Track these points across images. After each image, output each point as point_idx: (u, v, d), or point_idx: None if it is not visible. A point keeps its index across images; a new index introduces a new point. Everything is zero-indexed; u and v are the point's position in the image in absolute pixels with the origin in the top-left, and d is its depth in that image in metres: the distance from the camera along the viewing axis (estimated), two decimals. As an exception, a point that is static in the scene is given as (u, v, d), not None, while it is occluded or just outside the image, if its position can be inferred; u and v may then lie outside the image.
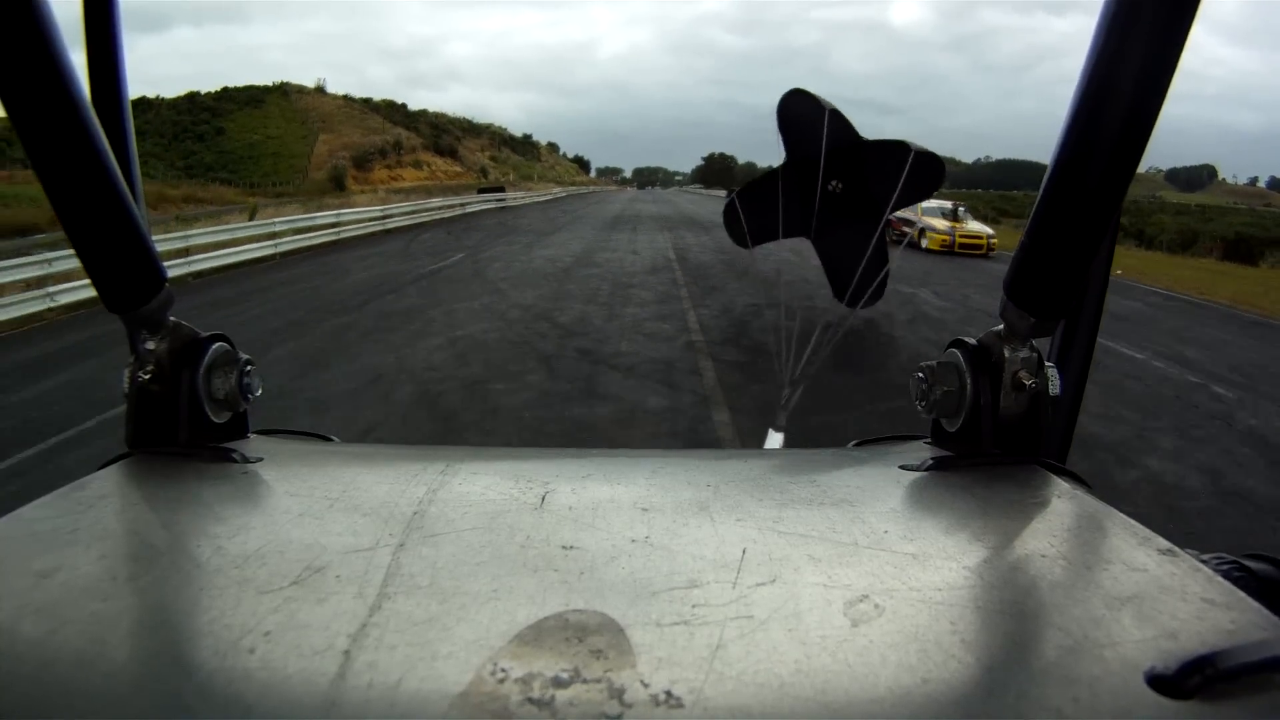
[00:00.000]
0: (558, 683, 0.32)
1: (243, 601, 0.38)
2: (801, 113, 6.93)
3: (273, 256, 14.14)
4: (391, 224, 20.94)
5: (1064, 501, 0.52)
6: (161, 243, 9.93)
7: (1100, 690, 0.32)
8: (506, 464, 0.60)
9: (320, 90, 75.06)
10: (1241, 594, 0.39)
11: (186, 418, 0.60)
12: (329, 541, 0.44)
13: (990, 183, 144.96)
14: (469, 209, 29.68)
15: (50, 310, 8.62)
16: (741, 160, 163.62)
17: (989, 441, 0.59)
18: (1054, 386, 0.59)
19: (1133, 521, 0.48)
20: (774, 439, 2.99)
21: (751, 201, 7.36)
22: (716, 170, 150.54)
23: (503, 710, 0.30)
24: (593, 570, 0.41)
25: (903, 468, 0.58)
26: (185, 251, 12.20)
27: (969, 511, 0.50)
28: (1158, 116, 0.46)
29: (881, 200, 5.79)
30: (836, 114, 6.53)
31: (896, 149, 6.64)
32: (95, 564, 0.41)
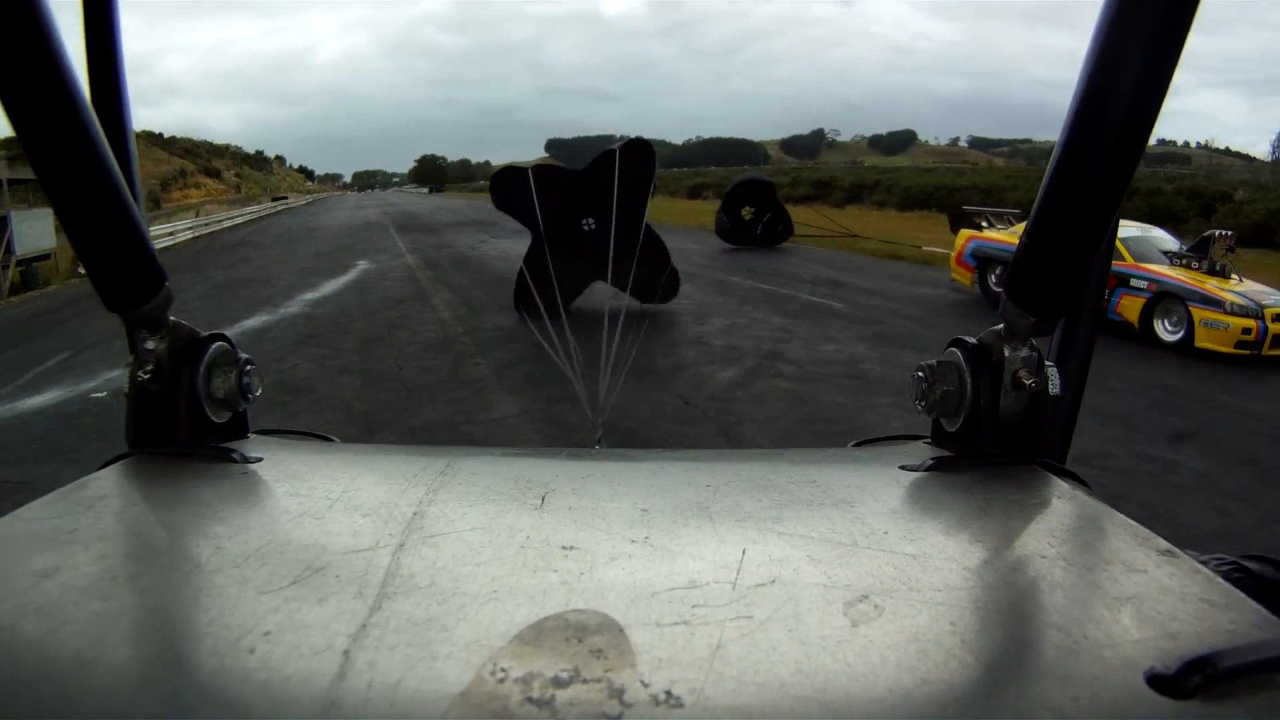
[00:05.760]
0: (558, 683, 0.31)
1: (242, 601, 0.37)
2: (513, 188, 7.41)
3: (220, 231, 31.20)
4: (264, 213, 54.61)
5: (1064, 502, 0.52)
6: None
7: (1100, 690, 0.32)
8: (506, 464, 0.61)
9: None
10: (1241, 594, 0.39)
11: (186, 417, 0.60)
12: (329, 541, 0.44)
13: (699, 160, 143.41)
14: (277, 207, 61.68)
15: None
16: (453, 158, 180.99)
17: (989, 441, 0.58)
18: (1054, 386, 0.59)
19: (1132, 522, 0.48)
20: None
21: (536, 269, 7.08)
22: (429, 170, 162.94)
23: (503, 710, 0.30)
24: (593, 570, 0.41)
25: (903, 468, 0.58)
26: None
27: (969, 512, 0.50)
28: (1158, 116, 0.46)
29: (624, 204, 6.06)
30: (540, 170, 7.32)
31: (606, 157, 7.32)
32: (95, 564, 0.41)
